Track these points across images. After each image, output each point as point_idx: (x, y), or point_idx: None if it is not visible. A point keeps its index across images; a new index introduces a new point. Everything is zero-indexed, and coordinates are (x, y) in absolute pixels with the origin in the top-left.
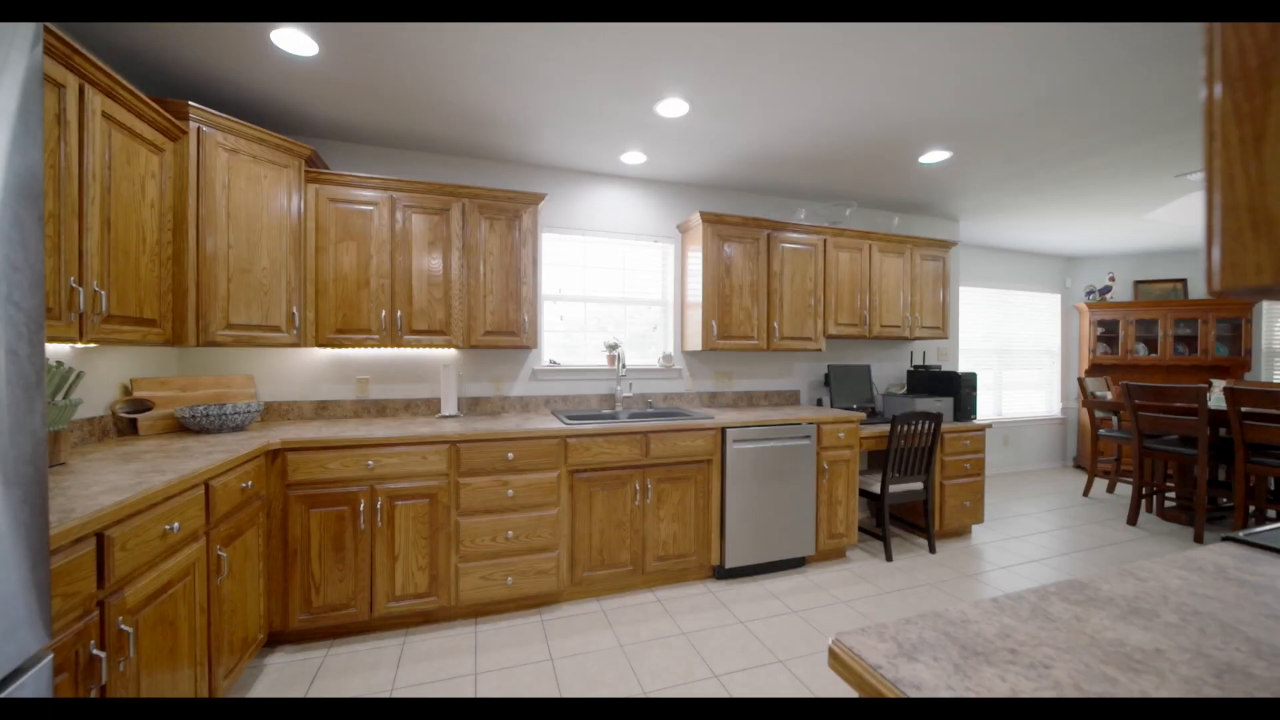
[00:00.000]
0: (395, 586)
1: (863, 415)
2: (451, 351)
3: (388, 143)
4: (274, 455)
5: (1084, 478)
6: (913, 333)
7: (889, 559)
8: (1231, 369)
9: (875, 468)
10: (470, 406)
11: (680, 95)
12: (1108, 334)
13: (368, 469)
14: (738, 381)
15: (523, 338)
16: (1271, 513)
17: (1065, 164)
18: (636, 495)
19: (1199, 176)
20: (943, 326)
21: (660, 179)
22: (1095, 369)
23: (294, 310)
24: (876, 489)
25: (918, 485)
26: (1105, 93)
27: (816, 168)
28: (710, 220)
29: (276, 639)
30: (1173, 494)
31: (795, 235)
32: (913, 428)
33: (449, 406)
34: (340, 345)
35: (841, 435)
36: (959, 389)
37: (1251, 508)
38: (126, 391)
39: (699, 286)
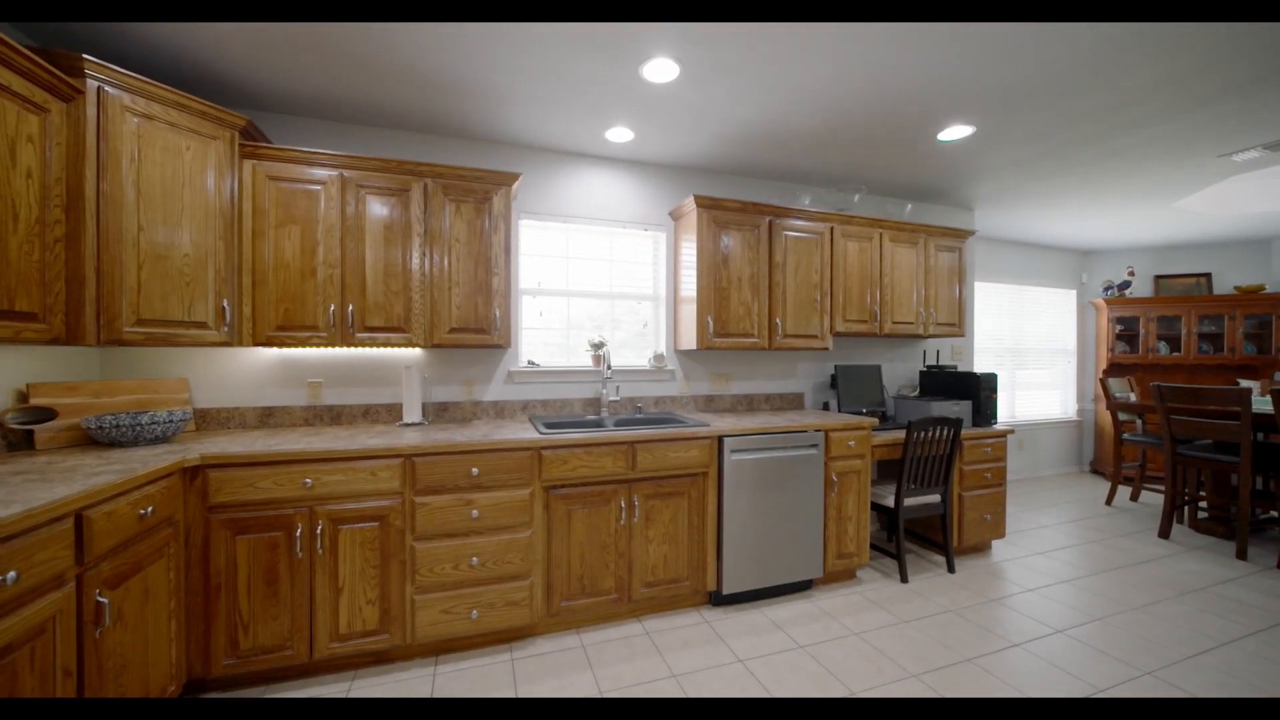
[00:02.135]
0: (340, 623)
1: (875, 421)
2: (415, 351)
3: (340, 116)
4: (193, 473)
5: (1102, 483)
6: (927, 330)
7: (904, 580)
8: (1260, 368)
9: (885, 477)
10: (438, 412)
11: (669, 54)
12: (1127, 332)
13: (305, 488)
14: (736, 383)
15: (494, 335)
16: None
17: (1099, 142)
18: (622, 513)
19: (1245, 156)
20: (959, 323)
21: (650, 160)
22: (1114, 368)
23: (224, 304)
24: (889, 502)
25: (935, 498)
26: (1151, 51)
27: (823, 147)
28: (706, 205)
29: (197, 687)
30: (1204, 504)
31: (799, 223)
32: (930, 434)
33: (412, 413)
34: (281, 344)
35: (852, 444)
36: (978, 391)
37: None
38: (22, 398)
39: (693, 279)
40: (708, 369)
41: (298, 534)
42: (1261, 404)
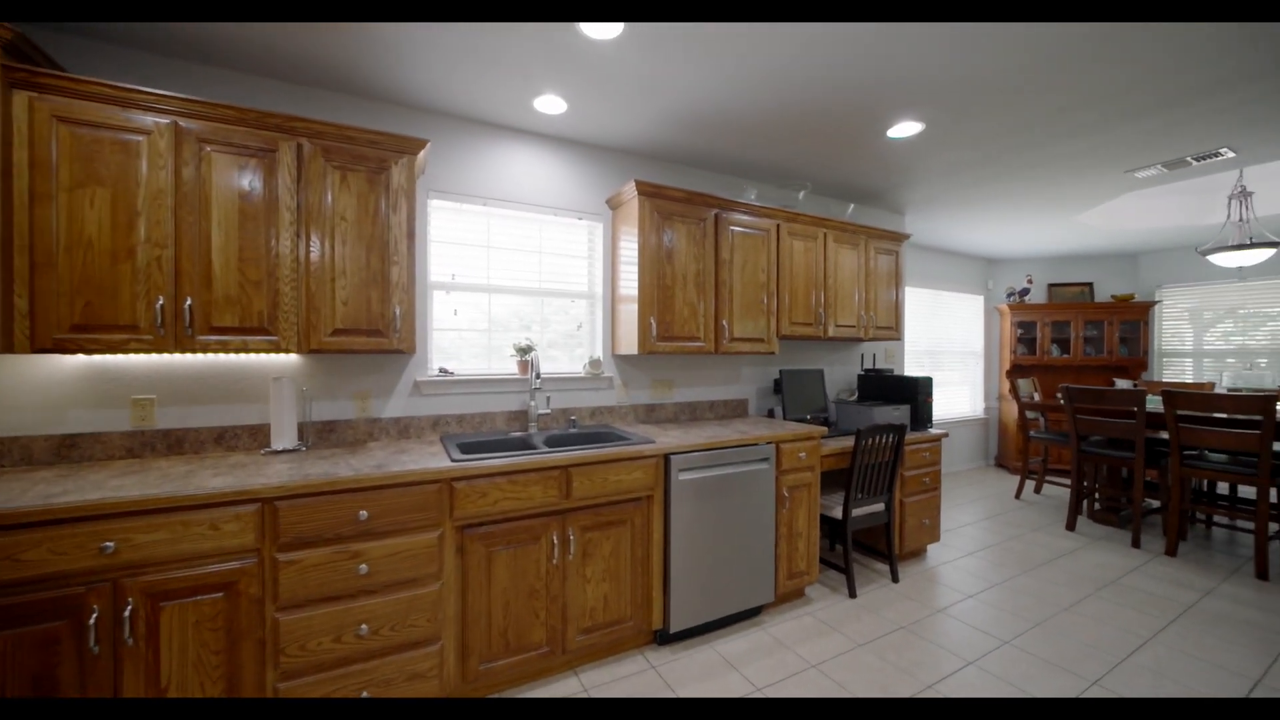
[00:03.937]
0: None
1: (825, 430)
2: (290, 358)
3: (179, 51)
4: None
5: (1007, 476)
6: (868, 334)
7: (852, 595)
8: (1131, 368)
9: (827, 488)
10: (321, 434)
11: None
12: (1026, 335)
13: (105, 554)
14: (679, 390)
15: (392, 338)
16: (1200, 515)
17: (1038, 148)
18: (554, 551)
19: (1148, 173)
20: (896, 327)
21: (585, 140)
22: (1016, 369)
23: None
24: (837, 513)
25: (880, 506)
26: (1112, 54)
27: (775, 136)
28: (648, 192)
29: None
30: (1098, 495)
31: (746, 218)
32: (877, 441)
33: (284, 437)
34: (81, 349)
35: (803, 455)
36: (916, 395)
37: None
38: None
39: (634, 276)
40: (649, 375)
41: (91, 621)
42: (1154, 403)
